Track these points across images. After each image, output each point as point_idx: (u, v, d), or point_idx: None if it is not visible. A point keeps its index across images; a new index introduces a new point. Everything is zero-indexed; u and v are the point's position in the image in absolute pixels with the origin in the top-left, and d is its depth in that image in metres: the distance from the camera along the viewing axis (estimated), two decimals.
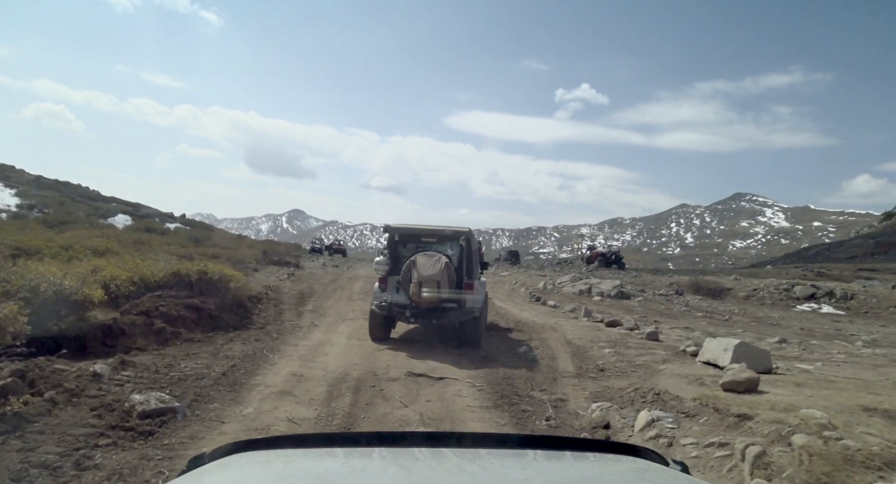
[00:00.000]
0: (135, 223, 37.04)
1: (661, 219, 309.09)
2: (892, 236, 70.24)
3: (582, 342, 9.20)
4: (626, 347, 8.72)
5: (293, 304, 12.59)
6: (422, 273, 7.91)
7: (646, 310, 16.73)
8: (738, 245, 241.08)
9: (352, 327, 10.06)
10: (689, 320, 14.96)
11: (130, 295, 8.65)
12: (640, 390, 5.67)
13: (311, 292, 15.29)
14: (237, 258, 21.72)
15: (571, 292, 18.70)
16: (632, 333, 10.49)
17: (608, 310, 15.77)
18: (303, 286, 16.51)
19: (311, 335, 9.06)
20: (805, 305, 23.67)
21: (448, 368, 7.09)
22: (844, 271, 40.85)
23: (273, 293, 13.97)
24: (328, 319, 10.91)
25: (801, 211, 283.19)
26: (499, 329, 10.69)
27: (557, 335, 9.95)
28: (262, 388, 5.58)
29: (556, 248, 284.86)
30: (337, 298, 14.74)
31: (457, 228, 8.74)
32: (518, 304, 15.85)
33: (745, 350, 6.85)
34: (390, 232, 8.96)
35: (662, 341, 9.74)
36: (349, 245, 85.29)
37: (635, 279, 27.17)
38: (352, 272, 24.84)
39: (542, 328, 11.00)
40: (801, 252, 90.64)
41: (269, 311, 11.25)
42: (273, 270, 20.78)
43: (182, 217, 52.87)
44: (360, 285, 18.32)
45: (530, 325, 11.49)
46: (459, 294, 8.17)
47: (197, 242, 28.72)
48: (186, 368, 5.94)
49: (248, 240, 40.78)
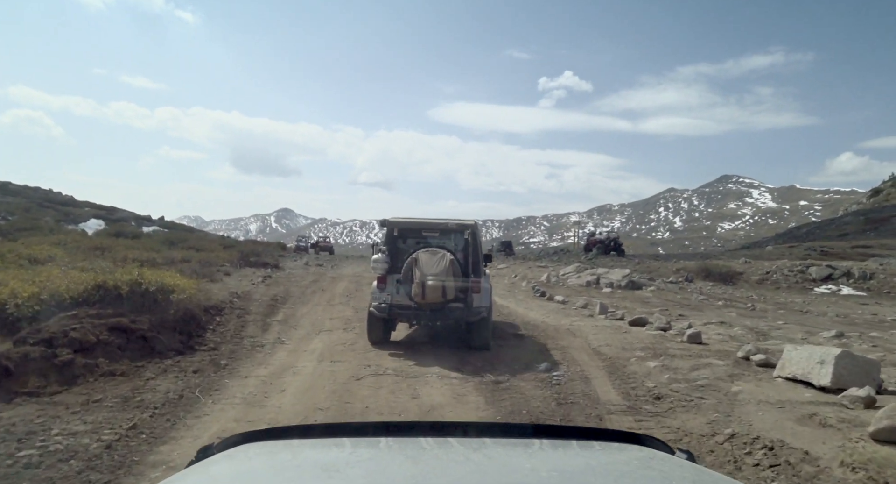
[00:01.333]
0: (106, 228, 34.94)
1: (649, 204, 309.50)
2: (881, 212, 69.90)
3: (613, 351, 7.40)
4: (670, 357, 6.94)
5: (261, 313, 10.68)
6: (425, 272, 7.29)
7: (663, 301, 15.01)
8: (726, 227, 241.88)
9: (327, 342, 8.19)
10: (716, 312, 13.24)
11: (36, 316, 6.71)
12: (736, 438, 3.88)
13: (286, 297, 13.38)
14: (209, 261, 19.80)
15: (578, 285, 16.94)
16: (666, 335, 8.72)
17: (622, 303, 14.03)
18: (278, 290, 14.59)
19: (273, 358, 7.16)
20: (823, 287, 22.17)
21: (450, 402, 5.25)
22: (847, 249, 39.59)
23: (240, 301, 12.05)
24: (299, 333, 9.01)
25: (787, 191, 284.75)
26: (506, 336, 8.84)
27: (579, 342, 8.16)
28: (162, 473, 3.56)
29: (546, 237, 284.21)
30: (315, 302, 12.84)
31: (461, 221, 7.99)
32: (522, 301, 14.04)
33: (849, 363, 5.08)
34: (388, 227, 8.20)
35: (707, 344, 7.98)
36: (339, 242, 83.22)
37: (639, 266, 25.50)
38: (336, 271, 22.91)
39: (557, 332, 9.20)
40: (793, 231, 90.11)
41: (230, 324, 9.34)
42: (248, 273, 18.79)
43: (161, 219, 51.17)
44: (344, 286, 16.42)
45: (542, 328, 9.68)
46: (466, 293, 7.54)
47: (171, 244, 27.13)
48: (64, 431, 4.01)
49: (231, 240, 38.59)
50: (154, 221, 47.29)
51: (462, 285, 7.47)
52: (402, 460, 1.29)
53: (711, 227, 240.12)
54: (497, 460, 1.32)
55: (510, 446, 1.41)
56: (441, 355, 7.30)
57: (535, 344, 8.33)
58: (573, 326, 9.78)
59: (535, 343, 8.39)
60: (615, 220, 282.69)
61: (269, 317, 10.42)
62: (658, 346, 7.68)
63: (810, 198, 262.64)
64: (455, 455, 1.32)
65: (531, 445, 1.41)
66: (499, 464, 1.30)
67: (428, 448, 1.34)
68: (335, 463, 1.25)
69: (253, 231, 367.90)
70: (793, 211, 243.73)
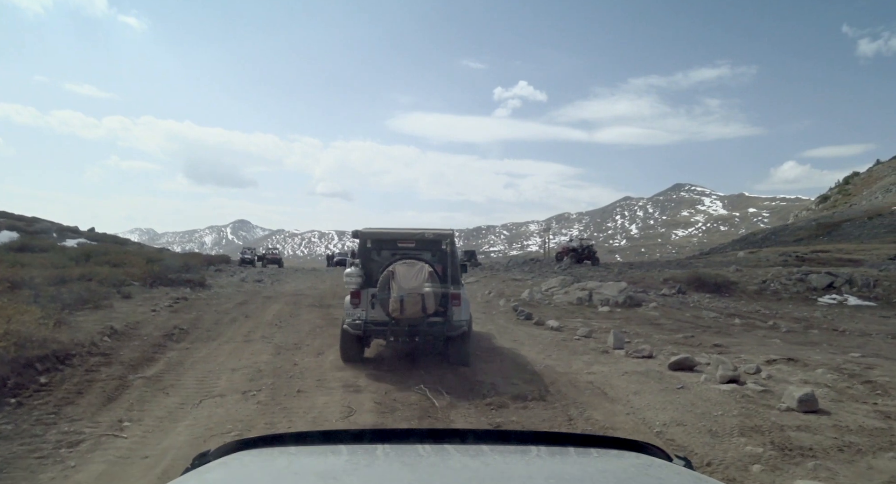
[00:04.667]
0: (16, 240, 30.32)
1: (606, 212, 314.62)
2: (830, 218, 71.49)
3: (699, 443, 4.28)
4: (811, 455, 3.85)
5: (131, 362, 7.14)
6: (402, 285, 6.86)
7: (675, 322, 12.13)
8: (680, 234, 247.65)
9: (201, 428, 4.76)
10: (753, 338, 10.41)
11: None
12: None
13: (189, 330, 9.82)
14: (113, 279, 15.95)
15: (567, 302, 13.91)
16: (750, 394, 5.66)
17: (630, 327, 11.07)
18: (183, 319, 10.98)
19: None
20: (827, 297, 19.95)
21: None
22: (820, 254, 38.35)
23: (113, 340, 8.45)
24: (167, 404, 5.52)
25: (737, 198, 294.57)
26: (503, 402, 5.58)
27: (626, 419, 5.00)
28: None
29: (506, 246, 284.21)
30: (226, 338, 9.32)
31: (438, 231, 7.64)
32: (505, 327, 10.87)
33: None
34: (361, 238, 7.70)
35: (830, 412, 4.96)
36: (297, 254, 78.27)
37: (621, 276, 22.84)
38: (275, 289, 19.26)
39: (575, 389, 6.06)
40: (748, 237, 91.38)
41: (58, 389, 5.80)
42: (159, 294, 15.00)
43: (91, 231, 46.77)
44: (277, 310, 12.90)
45: (547, 379, 6.53)
46: (445, 307, 7.17)
47: (87, 258, 23.46)
48: None
49: (161, 254, 34.03)
50: (82, 233, 42.85)
51: (442, 298, 7.05)
52: (399, 467, 1.27)
53: (666, 235, 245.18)
54: (494, 467, 1.30)
55: (507, 453, 1.38)
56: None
57: (543, 412, 5.13)
58: (592, 374, 6.68)
59: (543, 411, 5.19)
60: (573, 228, 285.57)
61: (140, 369, 6.86)
62: (761, 423, 4.63)
63: (759, 205, 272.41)
64: (452, 462, 1.30)
65: (528, 452, 1.38)
66: (496, 471, 1.28)
67: (425, 455, 1.33)
68: (332, 470, 1.24)
69: (208, 243, 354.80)
70: (743, 218, 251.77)
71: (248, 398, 5.69)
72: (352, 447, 1.39)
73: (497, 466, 1.30)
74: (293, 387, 6.09)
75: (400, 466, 1.27)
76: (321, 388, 6.14)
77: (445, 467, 1.27)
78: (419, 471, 1.23)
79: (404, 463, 1.28)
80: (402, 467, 1.26)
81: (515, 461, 1.34)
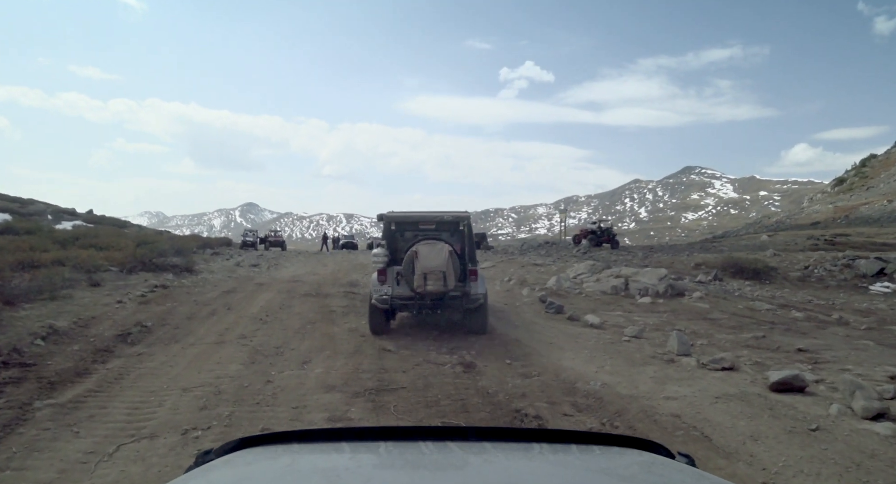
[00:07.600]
0: (3, 222, 28.96)
1: (615, 195, 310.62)
2: (849, 201, 69.26)
3: None
4: None
5: (57, 374, 5.42)
6: (425, 264, 7.38)
7: (732, 317, 10.27)
8: (690, 217, 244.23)
9: None
10: (842, 340, 8.55)
11: None
12: None
13: (154, 327, 8.11)
14: (90, 265, 14.34)
15: (600, 291, 12.06)
16: None
17: (682, 323, 9.24)
18: (150, 313, 9.28)
19: None
20: (879, 285, 18.00)
21: None
22: (853, 238, 36.24)
23: (49, 344, 6.75)
24: (56, 459, 3.79)
25: (748, 181, 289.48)
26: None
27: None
28: None
29: (514, 228, 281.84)
30: (195, 338, 7.58)
31: (456, 213, 8.18)
32: (532, 322, 9.05)
33: None
34: (385, 221, 8.34)
35: None
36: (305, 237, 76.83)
37: (647, 261, 20.96)
38: (271, 274, 17.51)
39: (652, 424, 4.29)
40: (761, 221, 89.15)
41: None
42: (138, 280, 13.32)
43: (89, 213, 45.68)
44: (266, 300, 11.16)
45: (603, 400, 4.76)
46: (464, 283, 7.71)
47: (75, 241, 22.31)
48: None
49: (154, 236, 32.49)
50: (79, 216, 41.57)
51: (461, 274, 7.60)
52: (401, 465, 1.27)
53: (676, 218, 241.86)
54: (497, 465, 1.28)
55: (510, 450, 1.35)
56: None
57: None
58: (672, 400, 4.87)
59: None
60: (582, 211, 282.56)
61: (58, 389, 5.10)
62: None
63: (770, 188, 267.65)
64: (455, 460, 1.28)
65: (531, 450, 1.35)
66: (498, 468, 1.27)
67: (428, 453, 1.30)
68: (334, 468, 1.22)
69: (217, 226, 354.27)
70: (753, 201, 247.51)
71: (187, 443, 3.92)
72: (355, 445, 1.36)
73: (499, 463, 1.28)
74: (256, 422, 4.32)
75: (403, 464, 1.26)
76: (296, 421, 4.36)
77: (448, 465, 1.25)
78: (422, 468, 1.23)
79: (407, 461, 1.27)
80: (405, 465, 1.26)
81: (518, 458, 1.31)
